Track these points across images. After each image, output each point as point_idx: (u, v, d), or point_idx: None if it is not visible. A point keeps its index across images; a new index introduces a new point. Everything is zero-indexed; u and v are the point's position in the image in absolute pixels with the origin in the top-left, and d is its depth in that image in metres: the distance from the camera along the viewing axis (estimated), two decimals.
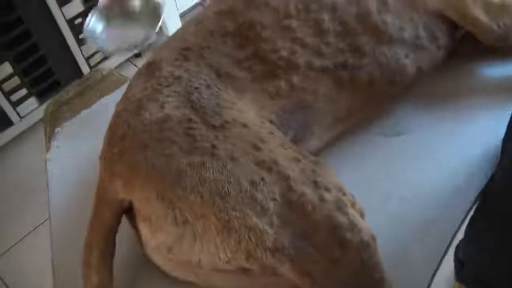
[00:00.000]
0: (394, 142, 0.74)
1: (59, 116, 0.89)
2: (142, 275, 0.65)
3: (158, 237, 0.56)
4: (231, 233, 0.52)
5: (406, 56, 0.71)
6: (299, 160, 0.57)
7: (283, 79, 0.66)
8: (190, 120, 0.57)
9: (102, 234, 0.60)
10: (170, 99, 0.60)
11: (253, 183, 0.53)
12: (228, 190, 0.53)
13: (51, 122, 0.88)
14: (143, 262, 0.63)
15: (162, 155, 0.55)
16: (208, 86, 0.62)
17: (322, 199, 0.54)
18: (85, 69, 1.87)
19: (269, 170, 0.55)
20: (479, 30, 0.74)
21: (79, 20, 1.73)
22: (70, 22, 1.72)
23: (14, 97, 1.73)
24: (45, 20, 1.66)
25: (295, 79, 0.66)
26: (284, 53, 0.66)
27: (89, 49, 1.84)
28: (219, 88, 0.62)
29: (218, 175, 0.54)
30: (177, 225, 0.54)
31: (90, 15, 0.86)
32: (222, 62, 0.65)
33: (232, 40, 0.67)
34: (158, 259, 0.60)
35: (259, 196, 0.53)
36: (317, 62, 0.67)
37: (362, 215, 0.57)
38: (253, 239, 0.52)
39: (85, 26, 0.86)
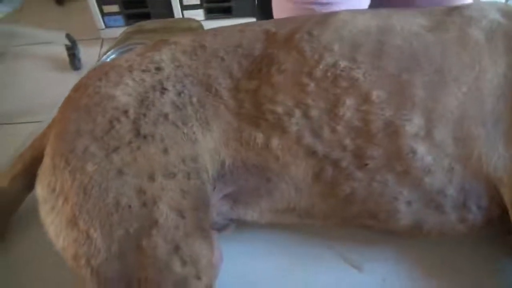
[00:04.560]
0: (351, 275, 0.60)
1: (129, 39, 0.92)
2: None
3: (38, 187, 0.56)
4: (74, 229, 0.51)
5: (408, 203, 0.56)
6: (183, 216, 0.52)
7: (263, 133, 0.58)
8: (125, 112, 0.55)
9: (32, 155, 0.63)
10: (131, 83, 0.58)
11: (118, 204, 0.51)
12: (94, 193, 0.51)
13: (120, 40, 0.92)
14: None
15: (78, 125, 0.55)
16: (180, 94, 0.58)
17: (168, 266, 0.50)
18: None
19: (144, 204, 0.51)
20: None
21: None
22: None
23: None
24: None
25: (275, 141, 0.58)
26: (279, 109, 0.58)
27: None
28: (191, 103, 0.58)
29: (97, 176, 0.52)
30: (49, 188, 0.54)
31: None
32: (222, 80, 0.60)
33: (248, 65, 0.61)
34: None
35: (115, 217, 0.51)
36: (309, 141, 0.57)
37: None
38: (85, 248, 0.51)
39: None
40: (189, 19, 0.95)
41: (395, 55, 0.58)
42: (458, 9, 0.63)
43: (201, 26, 0.94)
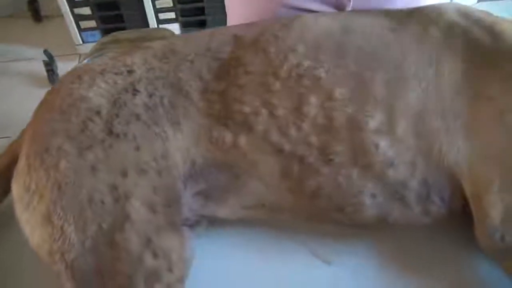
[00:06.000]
0: (322, 269, 0.62)
1: (104, 49, 0.94)
2: None
3: (13, 187, 0.58)
4: (48, 225, 0.53)
5: (373, 196, 0.58)
6: (154, 212, 0.54)
7: (231, 132, 0.61)
8: (98, 112, 0.57)
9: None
10: (103, 85, 0.60)
11: (90, 199, 0.53)
12: (68, 190, 0.53)
13: (95, 50, 0.94)
14: None
15: (52, 126, 0.57)
16: (151, 96, 0.61)
17: (140, 258, 0.52)
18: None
19: (116, 199, 0.53)
20: (480, 226, 0.57)
21: None
22: None
23: None
24: None
25: (243, 140, 0.60)
26: (246, 109, 0.61)
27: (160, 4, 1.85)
28: (162, 104, 0.60)
29: (70, 172, 0.54)
30: (24, 187, 0.56)
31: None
32: (192, 82, 0.62)
33: (216, 67, 0.63)
34: None
35: (88, 213, 0.52)
36: (275, 138, 0.60)
37: None
38: (59, 243, 0.52)
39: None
40: (163, 29, 0.97)
41: (356, 54, 0.61)
42: (418, 10, 0.67)
43: (173, 36, 0.96)
